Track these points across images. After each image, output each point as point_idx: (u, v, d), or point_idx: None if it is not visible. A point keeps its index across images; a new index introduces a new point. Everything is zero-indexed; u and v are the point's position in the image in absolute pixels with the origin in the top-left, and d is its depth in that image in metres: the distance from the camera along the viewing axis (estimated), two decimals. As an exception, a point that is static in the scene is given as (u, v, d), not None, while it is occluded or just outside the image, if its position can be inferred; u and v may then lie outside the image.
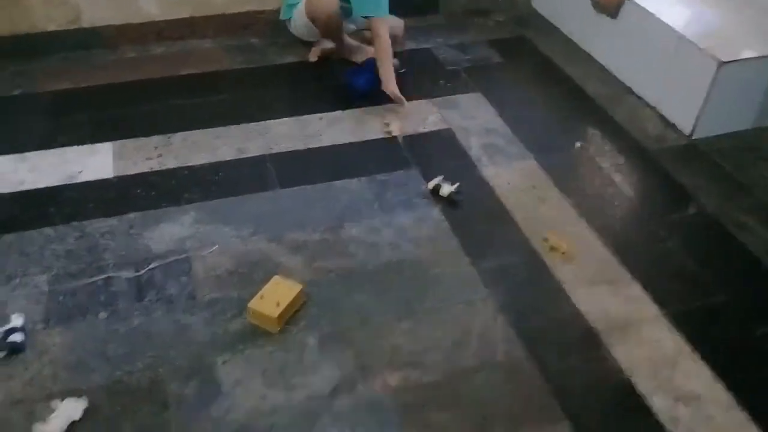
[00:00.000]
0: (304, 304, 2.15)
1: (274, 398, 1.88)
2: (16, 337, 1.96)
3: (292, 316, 2.10)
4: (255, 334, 2.05)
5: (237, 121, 2.93)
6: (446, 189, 2.57)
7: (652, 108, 3.11)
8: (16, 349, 1.95)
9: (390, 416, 1.84)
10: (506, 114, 3.05)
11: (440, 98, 3.15)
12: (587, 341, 2.08)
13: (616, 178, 2.71)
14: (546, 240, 2.39)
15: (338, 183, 2.63)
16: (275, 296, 2.09)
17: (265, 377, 1.93)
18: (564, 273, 2.29)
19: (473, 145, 2.86)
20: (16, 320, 2.01)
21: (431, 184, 2.60)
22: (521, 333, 2.08)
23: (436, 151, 2.83)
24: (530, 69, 3.45)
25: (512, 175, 2.70)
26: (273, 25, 3.55)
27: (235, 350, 2.00)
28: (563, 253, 2.34)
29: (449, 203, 2.55)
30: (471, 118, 3.03)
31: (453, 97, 3.17)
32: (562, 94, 3.25)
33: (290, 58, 3.41)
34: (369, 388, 1.91)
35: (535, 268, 2.31)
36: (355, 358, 1.99)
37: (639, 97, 3.18)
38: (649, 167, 2.79)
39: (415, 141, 2.87)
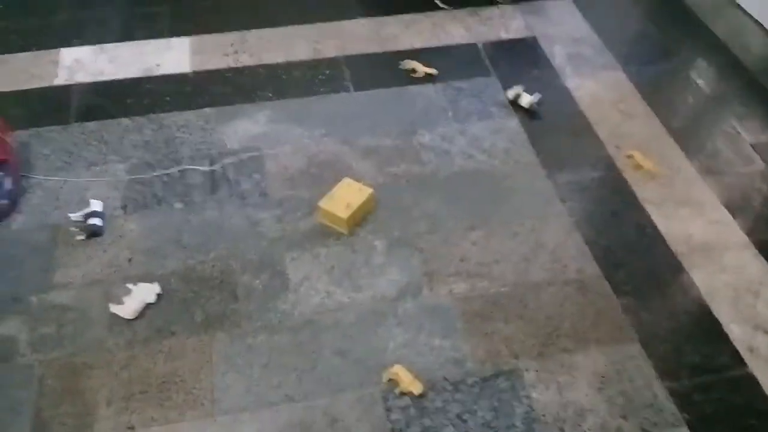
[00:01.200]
0: (373, 208, 2.13)
1: (340, 296, 1.89)
2: (96, 221, 2.02)
3: (361, 219, 2.09)
4: (324, 234, 2.05)
5: (313, 20, 2.86)
6: (526, 99, 2.45)
7: (757, 22, 2.85)
8: (95, 233, 2.01)
9: (454, 323, 1.84)
10: (596, 22, 2.87)
11: (526, 3, 2.98)
12: (666, 263, 1.99)
13: (711, 97, 2.53)
14: (630, 157, 2.27)
15: (413, 88, 2.55)
16: (345, 198, 2.07)
17: (331, 276, 1.94)
18: (647, 192, 2.18)
19: (557, 54, 2.71)
20: (96, 205, 2.07)
21: (511, 94, 2.49)
22: (596, 251, 2.01)
23: (518, 59, 2.69)
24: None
25: (598, 87, 2.56)
26: None
27: (304, 248, 2.01)
28: (648, 172, 2.22)
29: (529, 114, 2.44)
30: (557, 25, 2.86)
31: (539, 2, 2.99)
32: (658, 4, 3.01)
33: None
34: (435, 294, 1.90)
35: (617, 185, 2.21)
36: (423, 264, 1.97)
37: (743, 10, 2.91)
38: (749, 87, 2.58)
39: (496, 47, 2.74)
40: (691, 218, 2.10)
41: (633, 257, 2.00)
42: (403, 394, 1.68)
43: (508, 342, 1.80)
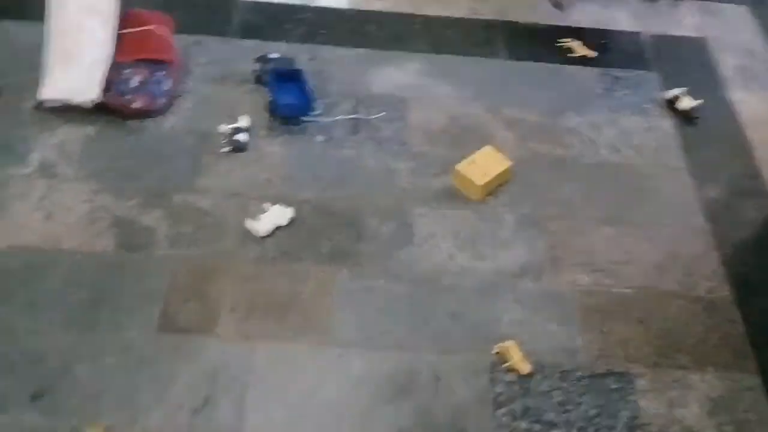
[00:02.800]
0: (508, 181, 2.10)
1: (461, 261, 1.90)
2: (241, 137, 2.09)
3: (495, 189, 2.07)
4: (455, 196, 2.05)
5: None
6: (686, 102, 2.34)
7: None
8: (239, 148, 2.08)
9: (571, 314, 1.81)
10: (773, 37, 2.69)
11: (702, 2, 2.82)
12: (802, 303, 1.89)
13: None
14: (785, 186, 2.15)
15: (568, 68, 2.48)
16: (484, 165, 2.05)
17: (456, 239, 1.94)
18: (797, 226, 2.06)
19: (726, 63, 2.57)
20: (244, 121, 2.13)
21: (670, 94, 2.38)
22: (732, 275, 1.92)
23: (684, 60, 2.57)
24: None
25: (764, 107, 2.41)
26: None
27: (433, 206, 2.02)
28: (803, 205, 2.10)
29: (685, 118, 2.34)
30: (732, 32, 2.70)
31: (717, 4, 2.82)
32: None
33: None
34: (557, 280, 1.88)
35: (765, 211, 2.09)
36: (549, 248, 1.95)
37: None
38: None
39: (663, 42, 2.62)
40: (842, 263, 1.98)
41: (770, 289, 1.91)
42: (510, 370, 1.68)
43: (624, 344, 1.76)
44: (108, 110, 2.10)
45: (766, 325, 1.83)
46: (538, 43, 2.57)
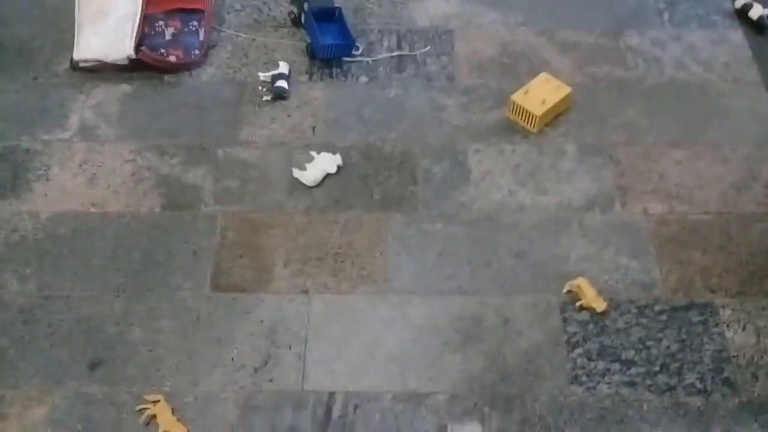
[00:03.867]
0: (567, 109, 1.96)
1: (522, 197, 1.78)
2: (282, 84, 1.99)
3: (553, 119, 1.94)
4: (512, 129, 1.92)
5: None
6: (757, 10, 2.14)
7: None
8: (281, 95, 1.99)
9: (646, 245, 1.69)
10: None
11: None
12: None
13: None
14: None
15: (625, -17, 2.29)
16: (541, 94, 1.92)
17: (515, 175, 1.83)
18: None
19: (801, -37, 2.33)
20: (284, 68, 2.04)
21: (739, 3, 2.18)
22: (821, 191, 1.76)
23: (753, -37, 2.34)
24: None
25: None
26: None
27: (489, 142, 1.90)
28: None
29: (757, 27, 2.14)
30: (806, -72, 2.44)
31: None
32: None
33: None
34: (627, 211, 1.75)
35: None
36: (617, 177, 1.81)
37: None
38: None
39: (728, -53, 2.39)
40: None
41: None
42: (583, 308, 1.58)
43: (704, 274, 1.63)
44: (143, 66, 2.03)
45: None
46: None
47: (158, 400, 1.43)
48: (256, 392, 1.46)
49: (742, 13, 2.17)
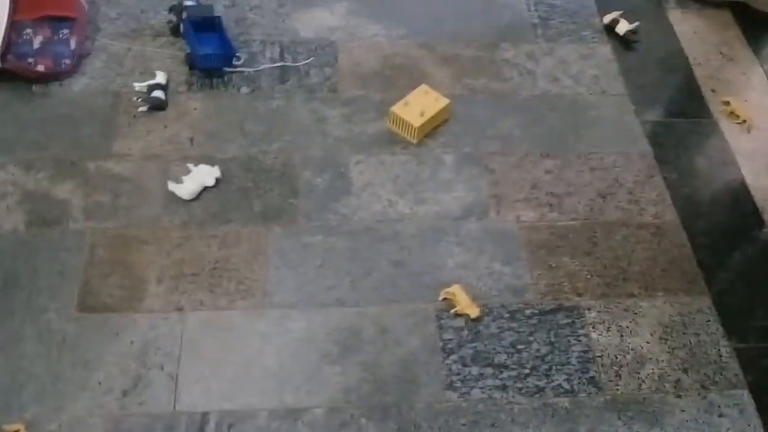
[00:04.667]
0: (446, 120, 2.01)
1: (402, 207, 1.81)
2: (159, 94, 1.94)
3: (432, 129, 1.98)
4: (392, 140, 1.95)
5: None
6: (623, 26, 2.27)
7: None
8: (158, 106, 1.94)
9: (518, 251, 1.75)
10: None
11: None
12: (749, 219, 1.87)
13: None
14: (727, 103, 2.10)
15: (502, -1, 2.38)
16: (420, 105, 1.96)
17: (396, 185, 1.86)
18: (739, 142, 2.03)
19: (663, -18, 2.49)
20: (161, 78, 1.99)
21: (607, 18, 2.31)
22: (677, 197, 1.88)
23: (619, -18, 2.48)
24: None
25: (702, 24, 2.35)
26: None
27: (370, 153, 1.92)
28: (744, 121, 2.06)
29: (623, 43, 2.26)
30: (666, -50, 2.61)
31: None
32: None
33: None
34: (501, 218, 1.81)
35: (708, 131, 2.06)
36: (491, 186, 1.87)
37: None
38: None
39: (597, -34, 2.52)
40: (785, 177, 1.96)
41: (716, 209, 1.88)
42: (458, 315, 1.62)
43: (572, 278, 1.71)
44: (10, 76, 1.93)
45: (712, 246, 1.80)
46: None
47: (18, 430, 1.36)
48: (124, 416, 1.41)
49: (610, 29, 2.29)
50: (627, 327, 1.64)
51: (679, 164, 1.96)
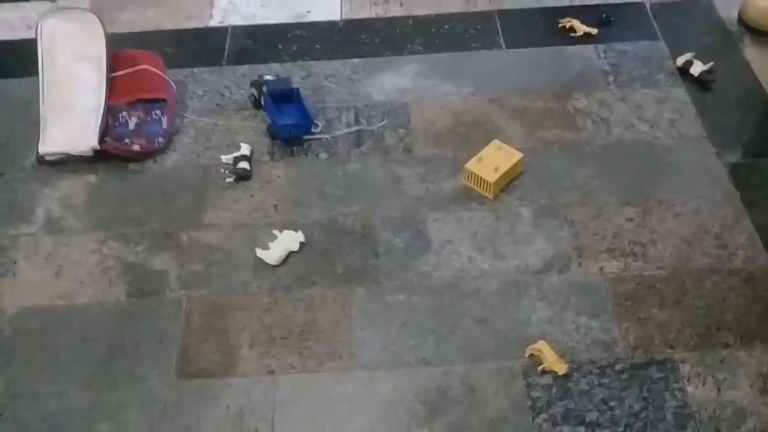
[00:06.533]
0: (521, 173, 2.03)
1: (482, 263, 1.83)
2: (244, 165, 2.05)
3: (508, 183, 2.00)
4: (468, 196, 1.98)
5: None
6: (697, 67, 2.24)
7: None
8: (243, 176, 2.04)
9: (604, 304, 1.73)
10: (783, -14, 2.56)
11: (702, -39, 2.71)
12: None
13: None
14: (814, 139, 2.04)
15: (570, 48, 2.40)
16: (494, 161, 1.98)
17: (474, 241, 1.88)
18: (832, 180, 1.95)
19: (735, 20, 2.45)
20: (245, 149, 2.09)
21: (680, 61, 2.28)
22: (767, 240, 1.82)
23: (690, 23, 2.46)
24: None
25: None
26: None
27: (447, 210, 1.95)
28: (835, 158, 1.99)
29: (699, 84, 2.23)
30: (738, -13, 2.58)
31: (718, -40, 2.71)
32: None
33: None
34: (584, 270, 1.80)
35: (795, 170, 1.99)
36: (572, 238, 1.87)
37: None
38: None
39: (666, 9, 2.52)
40: None
41: (812, 251, 1.80)
42: (545, 372, 1.60)
43: (662, 330, 1.67)
44: (108, 156, 2.08)
45: (811, 291, 1.73)
46: (537, 27, 2.50)
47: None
48: (224, 480, 1.46)
49: (684, 71, 2.27)
50: (724, 379, 1.58)
51: (766, 206, 1.90)
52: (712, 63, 2.24)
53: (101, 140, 2.07)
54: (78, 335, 1.70)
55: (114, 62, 2.23)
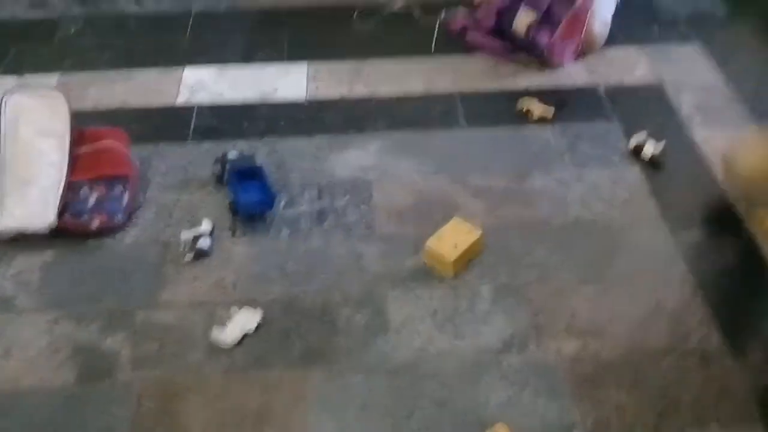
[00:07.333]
0: (481, 251, 2.05)
1: (441, 342, 1.82)
2: (204, 242, 2.04)
3: (468, 261, 2.02)
4: (429, 274, 1.99)
5: (431, 54, 2.83)
6: (650, 148, 2.32)
7: None
8: (203, 254, 2.03)
9: (562, 385, 1.72)
10: (728, 73, 2.69)
11: (652, 47, 2.84)
12: (800, 342, 1.81)
13: None
14: (762, 222, 2.10)
15: (529, 129, 2.47)
16: (453, 238, 2.00)
17: (434, 320, 1.87)
18: (781, 260, 2.00)
19: (685, 103, 2.56)
20: (206, 226, 2.09)
21: (633, 142, 2.36)
22: (722, 321, 1.85)
23: (642, 106, 2.56)
24: (762, 26, 3.01)
25: (728, 143, 2.39)
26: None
27: (408, 288, 1.95)
28: (784, 238, 2.05)
29: (651, 164, 2.30)
30: (686, 72, 2.71)
31: (667, 47, 2.84)
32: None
33: None
34: (542, 350, 1.80)
35: (747, 249, 2.04)
36: (531, 316, 1.87)
37: None
38: None
39: (619, 92, 2.62)
40: (833, 293, 1.91)
41: (764, 330, 1.83)
42: (503, 455, 1.58)
43: (620, 411, 1.67)
44: (66, 233, 2.06)
45: (763, 368, 1.74)
46: (497, 109, 2.57)
47: None
48: None
49: (637, 152, 2.34)
50: (683, 462, 1.58)
51: (720, 285, 1.94)
52: (663, 145, 2.32)
53: (60, 217, 2.05)
54: (21, 422, 1.64)
55: (78, 138, 2.23)
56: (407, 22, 3.03)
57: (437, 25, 2.92)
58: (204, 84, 2.69)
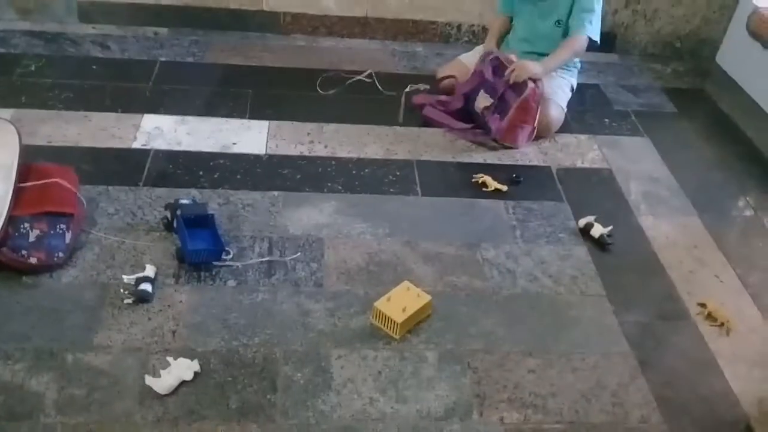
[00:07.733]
0: (428, 316, 2.04)
1: (383, 405, 1.78)
2: (146, 287, 1.98)
3: (415, 325, 2.00)
4: (375, 335, 1.96)
5: (391, 122, 2.89)
6: (597, 230, 2.38)
7: (844, 188, 2.77)
8: (143, 298, 1.97)
9: (503, 456, 1.69)
10: (674, 165, 2.82)
11: (603, 136, 2.97)
12: (735, 426, 1.83)
13: (793, 255, 2.42)
14: (703, 306, 2.15)
15: (483, 202, 2.52)
16: (402, 301, 1.99)
17: (377, 382, 1.84)
18: (719, 345, 2.05)
19: (633, 191, 2.66)
20: (150, 271, 2.03)
21: (582, 222, 2.43)
22: (662, 401, 1.86)
23: (592, 190, 2.65)
24: (706, 124, 3.19)
25: (672, 230, 2.48)
26: (442, 37, 3.53)
27: (353, 347, 1.92)
28: (722, 324, 2.10)
29: (598, 245, 2.36)
30: (634, 162, 2.83)
31: (618, 138, 2.98)
32: (737, 155, 2.97)
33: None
34: (485, 420, 1.77)
35: (686, 333, 2.08)
36: (474, 385, 1.86)
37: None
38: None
39: (571, 175, 2.71)
40: (765, 382, 1.95)
41: (701, 413, 1.85)
42: None
43: (559, 487, 1.64)
44: (1, 267, 1.97)
45: (702, 454, 1.75)
46: (452, 179, 2.62)
47: None
48: None
49: (585, 232, 2.40)
50: None
51: (660, 366, 1.96)
52: (611, 227, 2.39)
53: (-4, 249, 1.97)
54: (-73, 462, 1.52)
55: (26, 173, 2.17)
56: (371, 91, 3.10)
57: (403, 97, 3.00)
58: (162, 131, 2.68)
